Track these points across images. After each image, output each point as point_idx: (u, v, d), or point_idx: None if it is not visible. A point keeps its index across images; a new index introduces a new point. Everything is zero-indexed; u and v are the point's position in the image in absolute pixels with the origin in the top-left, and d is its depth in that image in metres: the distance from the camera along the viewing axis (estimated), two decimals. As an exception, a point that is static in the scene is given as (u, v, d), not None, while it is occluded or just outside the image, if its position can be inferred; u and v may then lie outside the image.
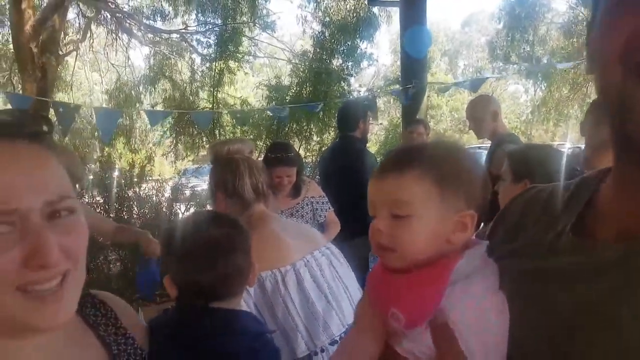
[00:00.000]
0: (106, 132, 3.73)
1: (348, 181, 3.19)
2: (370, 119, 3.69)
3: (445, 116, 18.35)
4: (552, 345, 0.53)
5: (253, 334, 0.99)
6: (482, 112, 2.95)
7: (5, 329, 0.58)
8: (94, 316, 0.77)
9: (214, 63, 5.86)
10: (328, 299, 1.52)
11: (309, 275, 1.55)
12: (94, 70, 12.45)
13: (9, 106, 3.87)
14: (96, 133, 10.10)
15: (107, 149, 8.98)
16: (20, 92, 6.11)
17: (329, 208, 3.11)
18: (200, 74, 7.02)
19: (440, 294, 0.60)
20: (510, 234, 0.68)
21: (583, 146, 1.94)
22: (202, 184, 6.75)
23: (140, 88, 9.05)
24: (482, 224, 0.74)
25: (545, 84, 14.76)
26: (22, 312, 0.56)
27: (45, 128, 0.68)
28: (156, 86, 9.21)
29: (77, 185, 2.33)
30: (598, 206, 0.59)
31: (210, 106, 5.98)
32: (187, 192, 6.31)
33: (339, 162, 3.52)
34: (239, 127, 5.80)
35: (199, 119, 4.82)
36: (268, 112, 5.21)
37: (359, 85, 7.52)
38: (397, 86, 6.75)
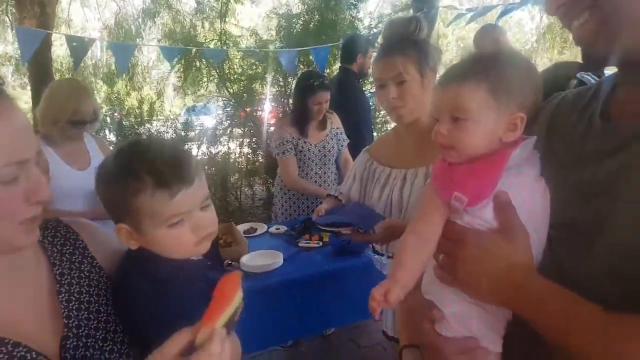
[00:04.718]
0: (122, 64, 3.72)
1: (338, 113, 3.29)
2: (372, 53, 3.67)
3: (452, 46, 17.83)
4: (580, 213, 0.66)
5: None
6: (487, 41, 3.06)
7: None
8: (50, 237, 0.87)
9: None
10: None
11: None
12: (87, 6, 11.97)
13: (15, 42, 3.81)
14: (98, 72, 9.96)
15: (110, 87, 8.88)
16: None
17: (345, 139, 3.22)
18: (202, 5, 6.78)
19: (498, 177, 0.72)
20: (544, 132, 0.78)
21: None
22: (212, 121, 6.79)
23: (140, 22, 8.81)
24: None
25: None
26: (15, 238, 0.72)
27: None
28: (155, 20, 8.96)
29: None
30: (617, 96, 0.70)
31: (217, 38, 5.86)
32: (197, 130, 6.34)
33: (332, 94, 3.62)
34: (248, 60, 5.72)
35: (212, 56, 4.75)
36: (277, 51, 5.11)
37: (369, 12, 7.27)
38: (407, 13, 6.55)
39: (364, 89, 4.39)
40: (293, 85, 5.63)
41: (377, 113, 5.79)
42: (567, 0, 0.63)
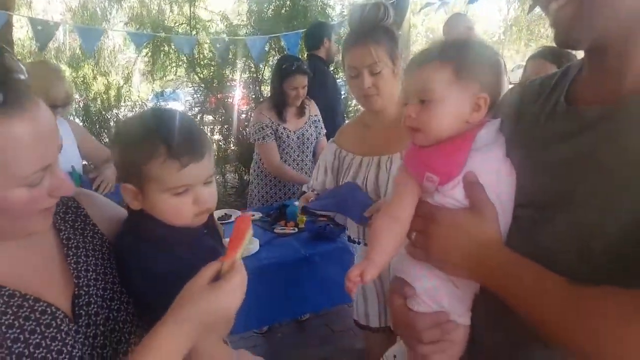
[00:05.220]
0: (89, 49, 3.61)
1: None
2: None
3: (421, 36, 17.99)
4: (544, 192, 0.70)
5: None
6: (456, 29, 3.14)
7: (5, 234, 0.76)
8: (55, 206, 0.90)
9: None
10: None
11: None
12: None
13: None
14: (61, 56, 9.54)
15: (76, 71, 8.54)
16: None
17: (323, 127, 3.24)
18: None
19: (466, 155, 0.75)
20: (511, 116, 0.82)
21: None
22: (181, 107, 6.66)
23: (105, 4, 8.48)
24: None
25: (518, 2, 14.39)
26: (32, 225, 0.76)
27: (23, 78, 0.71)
28: (122, 2, 8.63)
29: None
30: (582, 80, 0.73)
31: (186, 23, 5.73)
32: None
33: None
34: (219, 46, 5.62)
35: (181, 43, 4.66)
36: (246, 38, 5.04)
37: (340, -1, 7.25)
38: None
39: (336, 77, 4.40)
40: (265, 72, 5.61)
41: (350, 102, 5.82)
42: None
